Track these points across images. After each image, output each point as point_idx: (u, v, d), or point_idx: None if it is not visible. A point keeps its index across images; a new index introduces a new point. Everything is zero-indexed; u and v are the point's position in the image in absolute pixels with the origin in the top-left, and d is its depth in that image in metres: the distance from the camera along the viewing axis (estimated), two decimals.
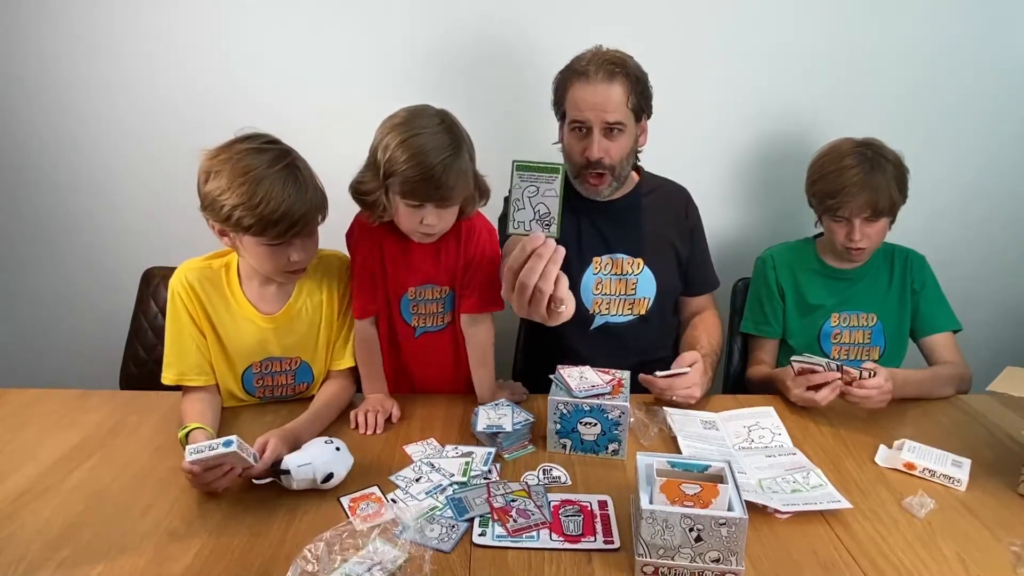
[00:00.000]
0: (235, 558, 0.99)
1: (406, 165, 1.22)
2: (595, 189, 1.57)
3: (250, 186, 1.18)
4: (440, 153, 1.23)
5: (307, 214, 1.23)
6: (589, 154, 1.51)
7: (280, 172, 1.20)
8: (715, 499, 0.95)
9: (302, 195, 1.22)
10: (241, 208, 1.18)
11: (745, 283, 1.84)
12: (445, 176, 1.23)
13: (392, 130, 1.26)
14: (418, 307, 1.42)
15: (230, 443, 1.05)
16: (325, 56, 1.89)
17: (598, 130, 1.49)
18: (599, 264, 1.63)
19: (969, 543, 1.05)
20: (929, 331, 1.64)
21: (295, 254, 1.27)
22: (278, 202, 1.18)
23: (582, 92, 1.48)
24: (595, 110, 1.47)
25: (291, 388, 1.44)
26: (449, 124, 1.28)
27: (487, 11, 1.87)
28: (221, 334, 1.36)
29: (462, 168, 1.26)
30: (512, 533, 1.04)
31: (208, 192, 1.21)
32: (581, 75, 1.48)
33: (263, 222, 1.19)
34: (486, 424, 1.27)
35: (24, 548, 1.00)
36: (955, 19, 1.90)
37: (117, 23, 1.85)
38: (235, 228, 1.21)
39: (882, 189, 1.51)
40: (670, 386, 1.40)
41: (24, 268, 2.08)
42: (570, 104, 1.51)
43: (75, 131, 1.94)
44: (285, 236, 1.23)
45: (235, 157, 1.20)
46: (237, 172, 1.19)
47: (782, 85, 1.95)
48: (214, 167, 1.21)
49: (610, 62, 1.47)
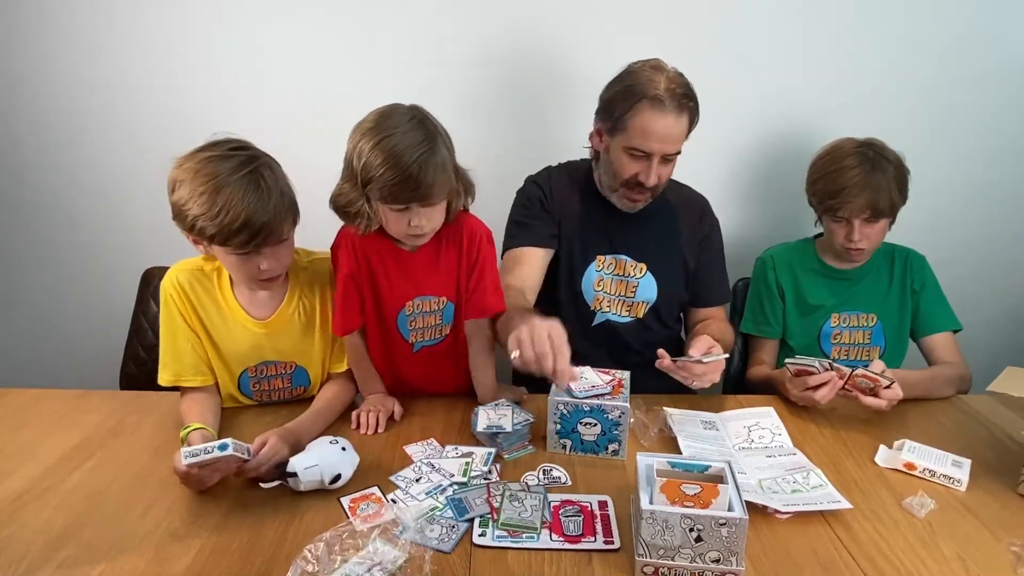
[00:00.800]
0: (235, 558, 0.99)
1: (382, 169, 1.19)
2: (633, 205, 1.56)
3: (210, 195, 1.14)
4: (415, 151, 1.19)
5: (270, 222, 1.18)
6: (644, 179, 1.48)
7: (242, 179, 1.16)
8: (715, 499, 0.95)
9: (264, 203, 1.17)
10: (203, 218, 1.15)
11: (745, 283, 1.84)
12: (423, 174, 1.19)
13: (364, 135, 1.22)
14: (415, 321, 1.40)
15: (225, 446, 1.04)
16: (326, 57, 1.89)
17: (658, 158, 1.46)
18: (602, 262, 1.62)
19: (969, 543, 1.05)
20: (929, 331, 1.64)
21: (264, 263, 1.23)
22: (238, 211, 1.14)
23: (653, 121, 1.43)
24: (663, 142, 1.44)
25: (288, 392, 1.43)
26: (420, 119, 1.24)
27: (492, 11, 1.87)
28: (215, 337, 1.35)
29: (440, 163, 1.22)
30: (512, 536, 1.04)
31: (175, 202, 1.18)
32: (655, 102, 1.42)
33: (224, 232, 1.16)
34: (486, 424, 1.27)
35: (24, 548, 1.00)
36: (956, 20, 1.90)
37: (116, 23, 1.85)
38: (200, 237, 1.19)
39: (882, 190, 1.51)
40: (705, 372, 1.32)
41: (24, 268, 2.08)
42: (636, 128, 1.44)
43: (75, 131, 1.94)
44: (249, 245, 1.19)
45: (198, 166, 1.17)
46: (199, 181, 1.15)
47: (783, 85, 1.95)
48: (179, 176, 1.18)
49: (684, 95, 1.43)
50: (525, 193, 1.66)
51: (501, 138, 1.96)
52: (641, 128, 1.44)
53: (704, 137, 1.96)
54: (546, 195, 1.63)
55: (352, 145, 1.25)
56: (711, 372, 1.34)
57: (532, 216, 1.62)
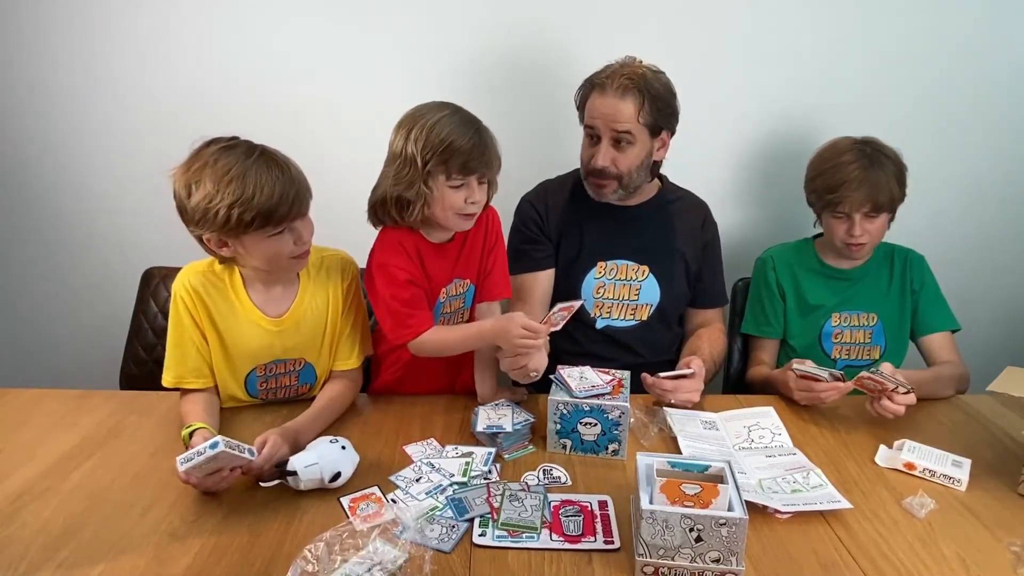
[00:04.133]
0: (235, 558, 0.99)
1: (449, 140, 1.24)
2: (600, 192, 1.60)
3: (238, 182, 1.17)
4: (473, 125, 1.28)
5: (299, 192, 1.24)
6: (594, 161, 1.56)
7: (257, 161, 1.20)
8: (715, 499, 0.95)
9: (288, 175, 1.22)
10: (239, 204, 1.17)
11: (745, 283, 1.84)
12: (485, 141, 1.28)
13: (414, 123, 1.27)
14: (447, 306, 1.43)
15: (216, 444, 1.03)
16: (326, 62, 1.89)
17: (607, 139, 1.54)
18: (603, 268, 1.63)
19: (969, 543, 1.05)
20: (928, 330, 1.64)
21: (298, 236, 1.28)
22: (271, 188, 1.18)
23: (595, 103, 1.55)
24: (604, 119, 1.53)
25: (294, 389, 1.43)
26: (456, 107, 1.32)
27: (498, 12, 1.87)
28: (226, 338, 1.36)
29: (493, 136, 1.31)
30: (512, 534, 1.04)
31: (196, 205, 1.19)
32: (598, 86, 1.54)
33: (265, 211, 1.19)
34: (486, 424, 1.27)
35: (24, 548, 1.00)
36: (957, 20, 1.90)
37: (114, 24, 1.85)
38: (236, 229, 1.20)
39: (881, 184, 1.52)
40: (676, 388, 1.40)
41: (24, 269, 2.08)
42: (587, 112, 1.58)
43: (75, 131, 1.94)
44: (287, 220, 1.23)
45: (210, 161, 1.19)
46: (219, 174, 1.17)
47: (783, 86, 1.95)
48: (192, 178, 1.19)
49: (627, 77, 1.51)
50: (520, 216, 1.70)
51: (503, 140, 1.96)
52: (588, 111, 1.57)
53: (705, 137, 1.97)
54: (540, 215, 1.67)
55: (404, 135, 1.28)
56: (681, 391, 1.40)
57: (528, 241, 1.67)
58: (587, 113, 1.58)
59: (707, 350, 1.60)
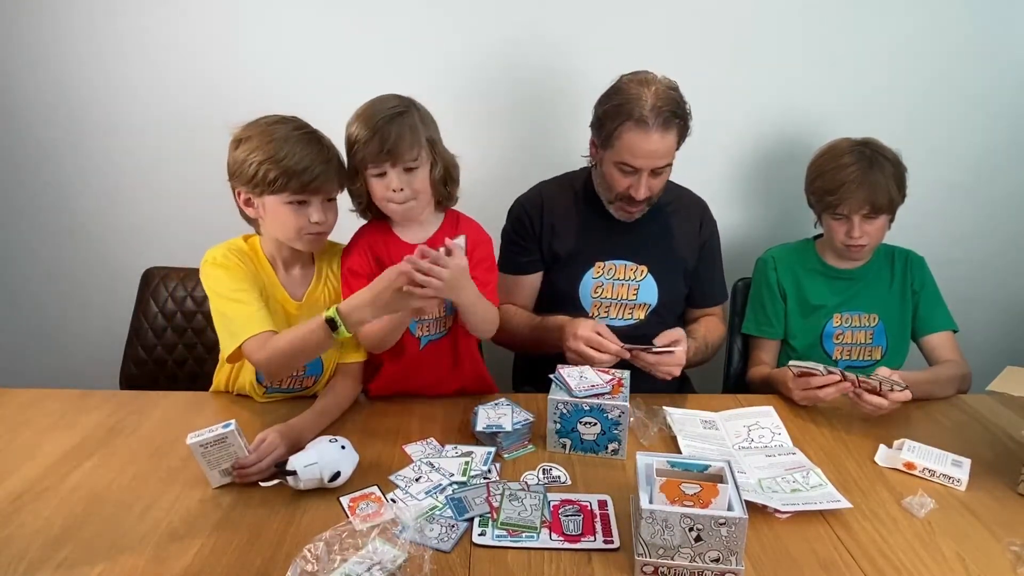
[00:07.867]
0: (235, 558, 0.99)
1: (358, 131, 1.28)
2: (629, 216, 1.59)
3: (276, 144, 1.26)
4: (386, 110, 1.28)
5: (327, 171, 1.28)
6: (634, 193, 1.51)
7: (303, 136, 1.29)
8: (715, 499, 0.95)
9: (324, 155, 1.29)
10: (267, 163, 1.25)
11: (745, 283, 1.84)
12: (389, 127, 1.26)
13: (353, 118, 1.32)
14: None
15: (229, 425, 1.12)
16: (325, 62, 1.89)
17: (647, 173, 1.49)
18: (601, 268, 1.63)
19: (969, 543, 1.05)
20: (929, 330, 1.64)
21: (315, 214, 1.29)
22: (301, 156, 1.25)
23: (638, 141, 1.44)
24: (649, 158, 1.46)
25: (299, 381, 1.43)
26: (404, 98, 1.33)
27: (493, 15, 1.87)
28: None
29: (410, 124, 1.29)
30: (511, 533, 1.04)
31: (236, 157, 1.28)
32: (639, 123, 1.43)
33: (287, 173, 1.25)
34: (486, 424, 1.27)
35: (24, 548, 1.00)
36: (956, 21, 1.90)
37: (119, 22, 1.85)
38: (260, 186, 1.26)
39: (881, 186, 1.52)
40: (658, 362, 1.40)
41: (24, 268, 2.08)
42: (623, 147, 1.47)
43: (75, 131, 1.94)
44: (307, 189, 1.27)
45: (263, 125, 1.29)
46: (265, 137, 1.27)
47: (783, 86, 1.95)
48: (243, 134, 1.29)
49: (669, 110, 1.43)
50: (510, 218, 1.70)
51: (500, 143, 1.96)
52: (628, 147, 1.46)
53: (705, 138, 1.96)
54: (532, 217, 1.65)
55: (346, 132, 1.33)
56: (663, 364, 1.39)
57: (516, 242, 1.67)
58: (626, 150, 1.46)
59: (702, 332, 1.62)
